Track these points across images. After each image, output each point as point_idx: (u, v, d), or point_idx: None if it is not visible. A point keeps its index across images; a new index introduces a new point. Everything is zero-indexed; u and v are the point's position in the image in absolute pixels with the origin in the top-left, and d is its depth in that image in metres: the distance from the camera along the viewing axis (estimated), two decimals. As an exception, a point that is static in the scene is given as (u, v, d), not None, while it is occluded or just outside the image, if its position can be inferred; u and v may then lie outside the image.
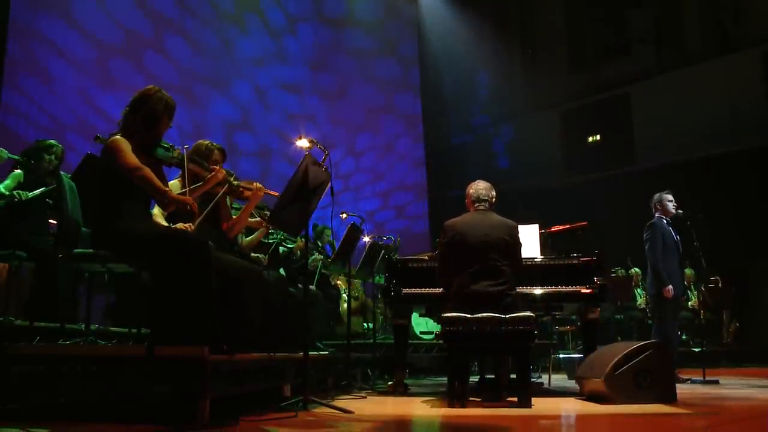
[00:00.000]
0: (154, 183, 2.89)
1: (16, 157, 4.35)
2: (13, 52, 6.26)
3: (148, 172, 2.90)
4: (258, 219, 4.16)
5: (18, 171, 4.23)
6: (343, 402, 3.43)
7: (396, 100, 11.68)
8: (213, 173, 3.22)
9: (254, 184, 3.64)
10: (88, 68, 7.11)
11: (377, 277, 6.62)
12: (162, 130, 3.06)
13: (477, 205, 3.85)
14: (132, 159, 2.85)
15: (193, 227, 3.34)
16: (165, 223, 3.36)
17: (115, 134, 2.94)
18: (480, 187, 3.90)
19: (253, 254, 4.41)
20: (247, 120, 9.43)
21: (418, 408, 3.54)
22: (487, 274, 3.62)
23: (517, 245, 3.78)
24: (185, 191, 3.22)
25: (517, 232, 3.78)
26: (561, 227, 4.92)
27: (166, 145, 3.08)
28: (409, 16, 12.11)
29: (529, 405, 3.39)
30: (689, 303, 8.54)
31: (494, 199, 3.90)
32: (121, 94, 3.10)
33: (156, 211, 3.39)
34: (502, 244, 3.68)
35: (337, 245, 5.61)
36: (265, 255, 4.76)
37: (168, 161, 3.06)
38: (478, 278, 3.61)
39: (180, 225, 3.36)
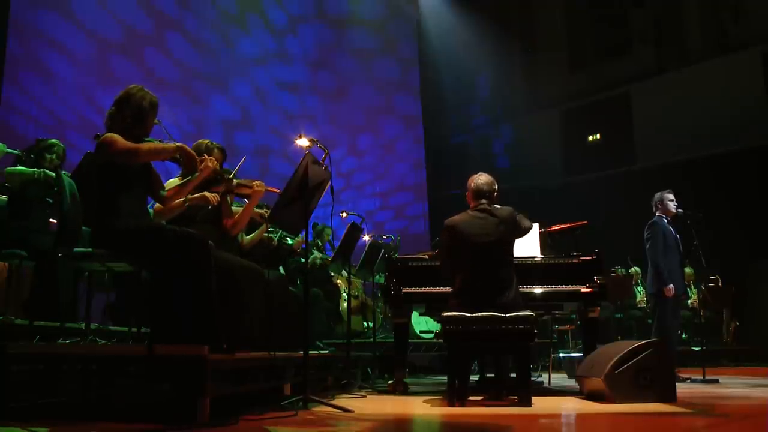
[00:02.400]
0: (158, 147, 2.95)
1: (16, 151, 4.34)
2: (14, 50, 6.26)
3: (147, 143, 2.95)
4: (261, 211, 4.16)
5: (21, 168, 4.23)
6: (343, 401, 3.43)
7: (396, 100, 11.68)
8: (203, 164, 3.21)
9: (255, 182, 3.64)
10: (88, 65, 7.11)
11: (377, 276, 6.63)
12: (149, 126, 3.08)
13: (478, 201, 3.82)
14: (128, 143, 2.88)
15: (218, 197, 3.38)
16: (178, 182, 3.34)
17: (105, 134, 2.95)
18: (481, 182, 3.85)
19: (266, 234, 4.42)
20: (247, 119, 9.43)
21: (418, 407, 3.54)
22: (488, 275, 3.62)
23: (518, 226, 3.74)
24: (180, 185, 3.23)
25: (515, 216, 3.74)
26: (561, 226, 4.91)
27: (155, 142, 3.09)
28: (410, 16, 12.11)
29: (529, 404, 3.39)
30: (689, 302, 8.54)
31: (496, 194, 3.87)
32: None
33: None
34: (504, 241, 3.68)
35: (336, 244, 5.61)
36: (275, 237, 4.79)
37: None
38: (479, 278, 3.62)
39: (207, 194, 3.37)
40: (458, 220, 3.77)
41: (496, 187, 3.89)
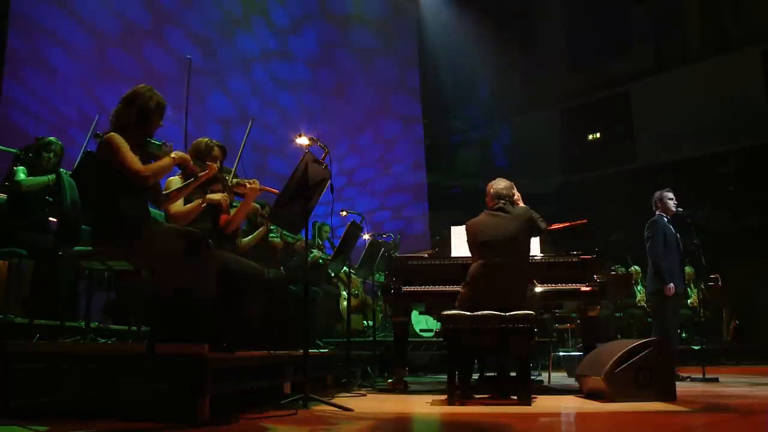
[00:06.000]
0: (162, 165, 2.96)
1: (15, 150, 4.34)
2: (14, 46, 6.24)
3: (149, 166, 2.94)
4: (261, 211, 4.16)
5: (21, 167, 4.22)
6: (342, 400, 3.43)
7: (395, 100, 11.67)
8: (207, 169, 3.21)
9: (249, 182, 3.63)
10: (89, 61, 7.08)
11: (377, 275, 6.63)
12: (154, 127, 3.07)
13: (495, 202, 3.88)
14: (134, 163, 2.86)
15: (228, 199, 3.42)
16: (181, 184, 3.33)
17: (109, 131, 2.94)
18: (500, 187, 3.94)
19: (273, 226, 4.45)
20: (246, 116, 9.41)
21: (418, 405, 3.54)
22: (496, 272, 3.63)
23: (533, 224, 3.78)
24: (180, 188, 3.23)
25: (531, 214, 3.80)
26: (561, 225, 4.91)
27: (158, 142, 3.08)
28: (410, 16, 12.10)
29: (529, 403, 3.39)
30: (689, 301, 8.54)
31: (515, 197, 3.96)
32: (123, 87, 3.09)
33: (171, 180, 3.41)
34: (514, 239, 3.70)
35: (335, 242, 5.61)
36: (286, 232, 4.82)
37: (161, 157, 3.06)
38: (487, 275, 3.64)
39: (217, 196, 3.40)
40: (473, 220, 3.85)
41: (515, 191, 3.98)
